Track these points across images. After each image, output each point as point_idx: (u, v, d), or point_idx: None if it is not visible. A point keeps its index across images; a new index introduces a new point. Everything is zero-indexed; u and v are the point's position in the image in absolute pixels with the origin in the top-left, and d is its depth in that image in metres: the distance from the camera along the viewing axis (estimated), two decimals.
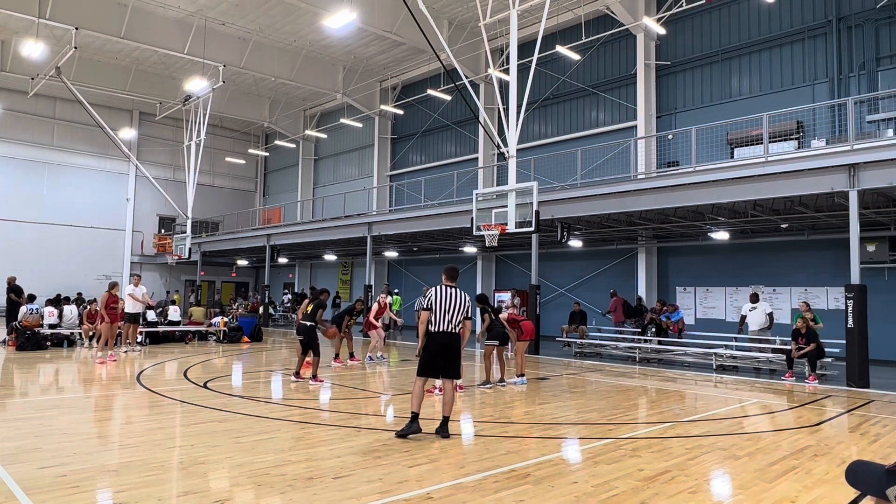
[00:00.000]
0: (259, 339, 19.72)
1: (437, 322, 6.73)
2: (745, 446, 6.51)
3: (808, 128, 16.65)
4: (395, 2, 20.91)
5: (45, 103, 31.37)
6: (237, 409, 8.09)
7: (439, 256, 27.50)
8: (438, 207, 20.71)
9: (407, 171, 29.29)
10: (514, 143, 13.89)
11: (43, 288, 23.24)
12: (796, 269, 17.31)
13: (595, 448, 6.36)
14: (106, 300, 13.40)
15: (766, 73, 18.07)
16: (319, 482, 4.94)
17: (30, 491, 4.55)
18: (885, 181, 11.31)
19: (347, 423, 7.32)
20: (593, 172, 19.70)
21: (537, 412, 8.45)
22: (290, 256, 32.59)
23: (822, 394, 10.60)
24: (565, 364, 14.75)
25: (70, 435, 6.44)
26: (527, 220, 12.81)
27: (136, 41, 23.41)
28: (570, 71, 22.59)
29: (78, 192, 32.16)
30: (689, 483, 5.15)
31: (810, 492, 4.97)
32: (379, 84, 30.00)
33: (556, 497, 4.71)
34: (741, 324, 14.42)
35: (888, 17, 15.99)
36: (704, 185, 13.79)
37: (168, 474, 5.10)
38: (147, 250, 34.34)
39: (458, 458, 5.84)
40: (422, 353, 6.85)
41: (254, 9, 23.31)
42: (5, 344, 16.04)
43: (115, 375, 11.14)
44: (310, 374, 10.56)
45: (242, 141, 37.99)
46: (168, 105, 30.65)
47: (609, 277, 21.50)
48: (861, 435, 7.30)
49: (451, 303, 6.77)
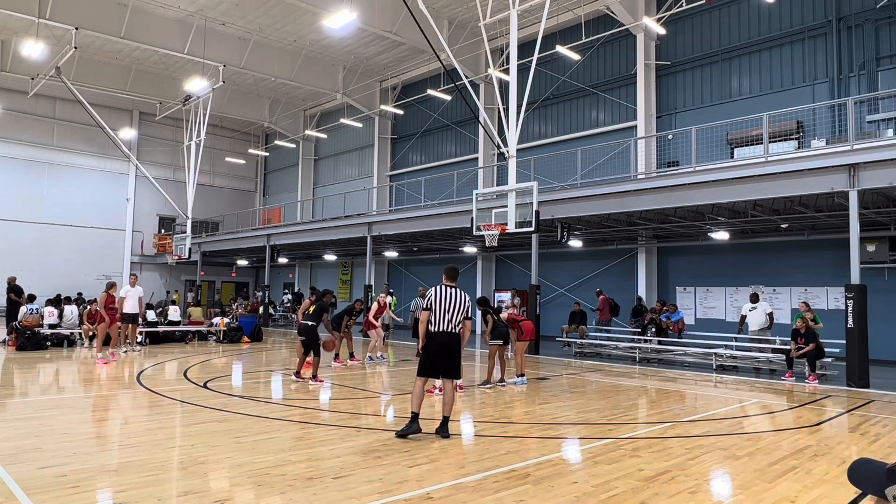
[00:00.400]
0: (259, 339, 19.71)
1: (437, 322, 6.73)
2: (745, 446, 6.51)
3: (808, 128, 16.65)
4: (395, 2, 20.92)
5: (45, 103, 31.37)
6: (237, 409, 8.09)
7: (439, 256, 27.50)
8: (438, 207, 20.71)
9: (407, 171, 29.30)
10: (514, 143, 13.89)
11: (43, 288, 23.24)
12: (796, 269, 17.31)
13: (595, 448, 6.36)
14: (105, 300, 13.42)
15: (766, 73, 18.07)
16: (319, 482, 4.94)
17: (30, 491, 4.55)
18: (885, 181, 11.31)
19: (347, 423, 7.32)
20: (593, 172, 19.71)
21: (537, 412, 8.45)
22: (290, 256, 32.59)
23: (822, 394, 10.60)
24: (565, 364, 14.75)
25: (70, 435, 6.44)
26: (527, 220, 12.80)
27: (136, 41, 23.41)
28: (570, 71, 22.59)
29: (78, 192, 32.16)
30: (689, 483, 5.15)
31: (810, 492, 4.97)
32: (379, 84, 30.00)
33: (556, 497, 4.71)
34: (741, 324, 14.42)
35: (888, 17, 15.99)
36: (704, 185, 13.79)
37: (168, 474, 5.10)
38: (147, 250, 34.35)
39: (458, 458, 5.84)
40: (422, 353, 6.85)
41: (254, 9, 23.31)
42: (5, 344, 16.03)
43: (115, 375, 11.14)
44: (310, 374, 10.57)
45: (242, 141, 37.99)
46: (168, 105, 30.64)
47: (609, 277, 21.50)
48: (861, 435, 7.30)
49: (452, 303, 6.77)
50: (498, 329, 10.80)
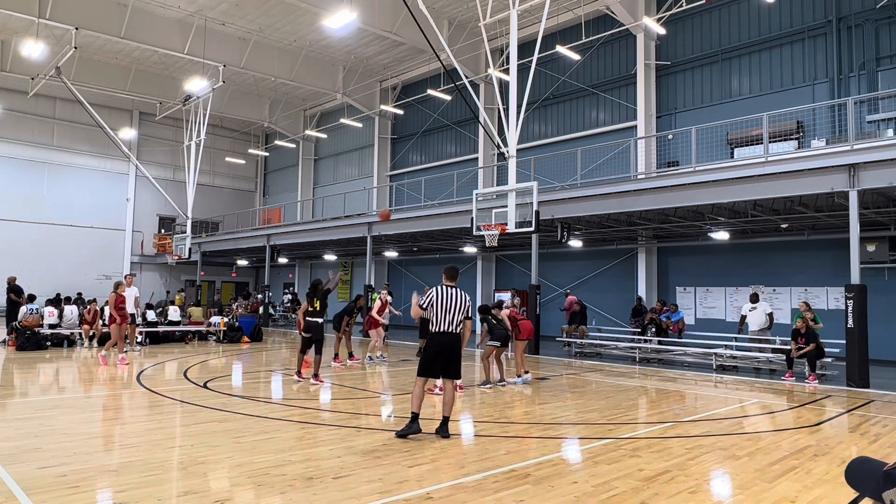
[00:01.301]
0: (259, 340, 19.73)
1: (438, 322, 6.74)
2: (745, 446, 6.51)
3: (808, 128, 16.65)
4: (395, 2, 20.92)
5: (45, 103, 31.36)
6: (237, 409, 8.09)
7: (439, 256, 27.50)
8: (438, 207, 20.71)
9: (407, 171, 29.29)
10: (514, 143, 13.89)
11: (43, 288, 23.23)
12: (796, 269, 17.31)
13: (595, 448, 6.36)
14: (115, 300, 13.05)
15: (766, 73, 18.07)
16: (319, 482, 4.94)
17: (30, 491, 4.55)
18: (885, 181, 11.31)
19: (347, 423, 7.32)
20: (593, 172, 19.71)
21: (537, 412, 8.45)
22: (290, 256, 32.59)
23: (822, 394, 10.60)
24: (565, 364, 14.75)
25: (70, 435, 6.44)
26: (527, 220, 12.81)
27: (136, 41, 23.41)
28: (570, 71, 22.59)
29: (78, 192, 32.16)
30: (689, 483, 5.15)
31: (810, 492, 4.97)
32: (379, 84, 29.99)
33: (556, 497, 4.71)
34: (741, 324, 14.42)
35: (888, 17, 15.99)
36: (704, 185, 13.79)
37: (168, 474, 5.10)
38: (147, 250, 34.35)
39: (458, 458, 5.83)
40: (423, 352, 6.86)
41: (254, 9, 23.31)
42: (5, 344, 16.04)
43: (115, 375, 11.13)
44: (311, 374, 10.57)
45: (242, 141, 37.99)
46: (168, 105, 30.64)
47: (609, 277, 21.51)
48: (861, 435, 7.30)
49: (452, 303, 6.78)
50: (496, 332, 10.85)
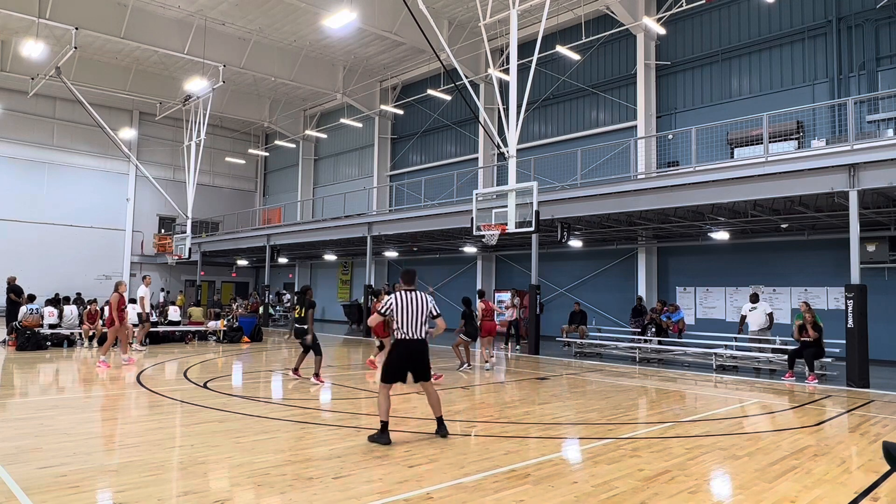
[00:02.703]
0: (259, 340, 19.72)
1: (405, 329, 6.52)
2: (745, 446, 6.51)
3: (808, 128, 16.65)
4: (395, 2, 20.92)
5: (45, 103, 31.37)
6: (237, 409, 8.09)
7: (439, 256, 27.51)
8: (438, 207, 20.70)
9: (407, 171, 29.29)
10: (514, 143, 13.89)
11: (43, 288, 23.25)
12: (796, 269, 17.31)
13: (595, 448, 6.36)
14: (118, 301, 12.94)
15: (766, 73, 18.07)
16: (319, 482, 4.94)
17: (30, 491, 4.55)
18: (885, 181, 11.30)
19: (347, 423, 7.32)
20: (593, 172, 19.70)
21: (537, 412, 8.45)
22: (290, 256, 32.59)
23: (822, 394, 10.60)
24: (565, 364, 14.75)
25: (70, 435, 6.44)
26: (527, 220, 12.82)
27: (136, 41, 23.42)
28: (570, 71, 22.59)
29: (78, 192, 32.16)
30: (689, 483, 5.15)
31: (810, 492, 4.97)
32: (379, 84, 29.99)
33: (556, 497, 4.71)
34: (741, 324, 14.41)
35: (888, 17, 15.99)
36: (704, 185, 13.79)
37: (168, 474, 5.10)
38: (147, 250, 34.34)
39: (458, 458, 5.83)
40: (387, 358, 6.70)
41: (254, 9, 23.32)
42: (5, 344, 16.03)
43: (115, 376, 11.13)
44: (312, 373, 10.58)
45: (242, 141, 37.99)
46: (168, 105, 30.64)
47: (609, 277, 21.51)
48: (861, 435, 7.30)
49: (414, 308, 6.55)
50: (469, 330, 13.00)
